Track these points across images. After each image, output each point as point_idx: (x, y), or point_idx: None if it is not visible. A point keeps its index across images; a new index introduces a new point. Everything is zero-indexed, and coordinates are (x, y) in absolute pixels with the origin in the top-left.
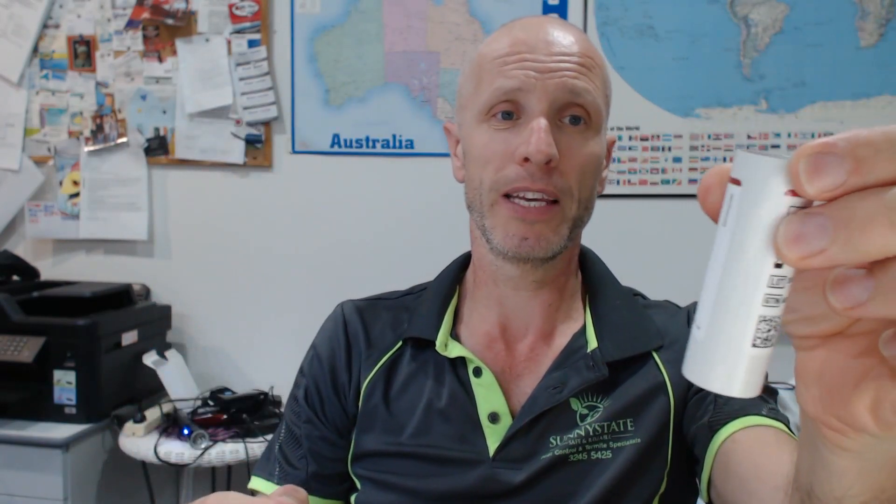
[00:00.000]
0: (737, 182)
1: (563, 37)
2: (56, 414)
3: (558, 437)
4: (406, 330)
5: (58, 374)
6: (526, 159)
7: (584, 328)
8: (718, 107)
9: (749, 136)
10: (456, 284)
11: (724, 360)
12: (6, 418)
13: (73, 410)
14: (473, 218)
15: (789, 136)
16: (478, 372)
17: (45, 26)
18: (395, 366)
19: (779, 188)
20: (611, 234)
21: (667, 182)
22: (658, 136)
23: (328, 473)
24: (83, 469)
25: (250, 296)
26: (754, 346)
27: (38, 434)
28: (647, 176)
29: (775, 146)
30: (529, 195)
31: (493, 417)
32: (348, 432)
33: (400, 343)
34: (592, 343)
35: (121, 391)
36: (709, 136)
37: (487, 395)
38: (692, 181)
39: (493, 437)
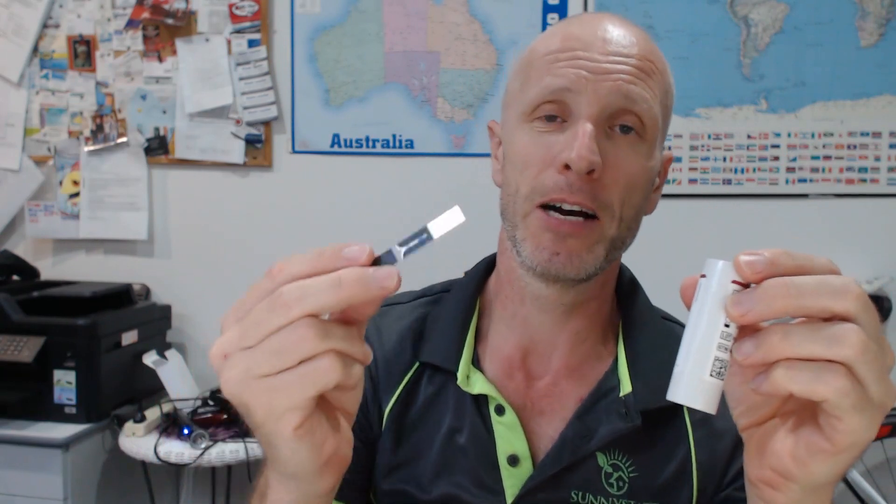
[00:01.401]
0: (704, 276)
1: (622, 36)
2: (56, 414)
3: (580, 493)
4: (423, 351)
5: (58, 374)
6: (567, 166)
7: (615, 366)
8: (718, 107)
9: (749, 136)
10: (476, 297)
11: (692, 383)
12: (6, 418)
13: (73, 410)
14: (505, 226)
15: (789, 135)
16: (500, 410)
17: (45, 26)
18: (413, 390)
19: (729, 277)
20: None
21: (667, 182)
22: None
23: (351, 479)
24: (83, 469)
25: None
26: (711, 375)
27: (38, 434)
28: None
29: (775, 146)
30: (566, 207)
31: (513, 460)
32: (372, 445)
33: (417, 364)
34: (626, 386)
35: (121, 391)
36: (709, 136)
37: (508, 436)
38: (692, 181)
39: (511, 481)
